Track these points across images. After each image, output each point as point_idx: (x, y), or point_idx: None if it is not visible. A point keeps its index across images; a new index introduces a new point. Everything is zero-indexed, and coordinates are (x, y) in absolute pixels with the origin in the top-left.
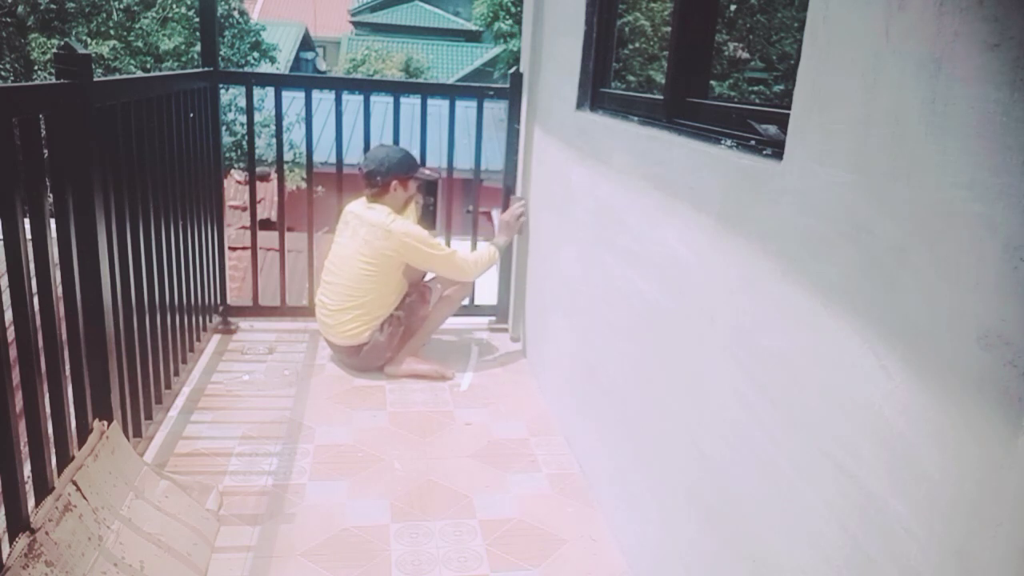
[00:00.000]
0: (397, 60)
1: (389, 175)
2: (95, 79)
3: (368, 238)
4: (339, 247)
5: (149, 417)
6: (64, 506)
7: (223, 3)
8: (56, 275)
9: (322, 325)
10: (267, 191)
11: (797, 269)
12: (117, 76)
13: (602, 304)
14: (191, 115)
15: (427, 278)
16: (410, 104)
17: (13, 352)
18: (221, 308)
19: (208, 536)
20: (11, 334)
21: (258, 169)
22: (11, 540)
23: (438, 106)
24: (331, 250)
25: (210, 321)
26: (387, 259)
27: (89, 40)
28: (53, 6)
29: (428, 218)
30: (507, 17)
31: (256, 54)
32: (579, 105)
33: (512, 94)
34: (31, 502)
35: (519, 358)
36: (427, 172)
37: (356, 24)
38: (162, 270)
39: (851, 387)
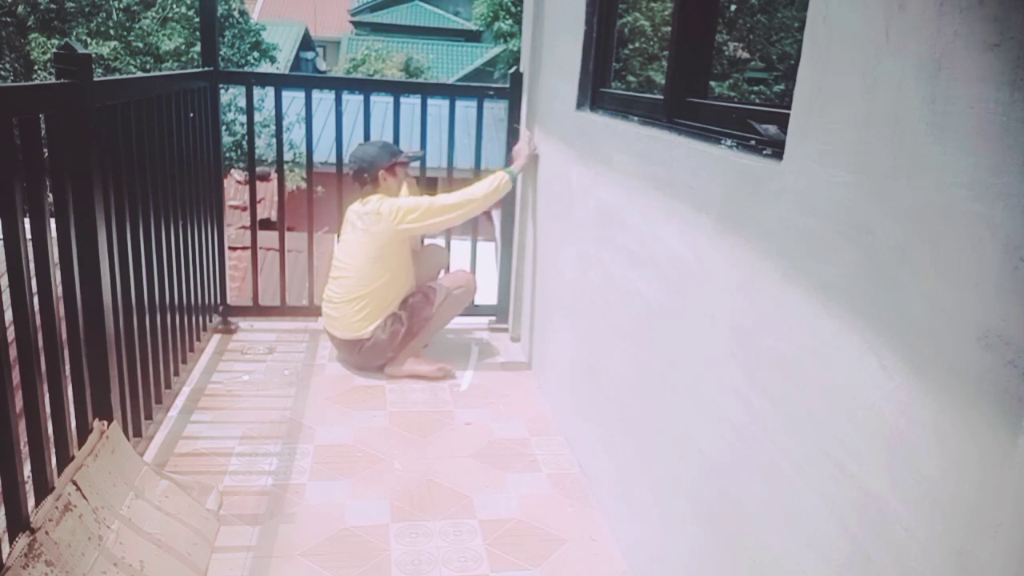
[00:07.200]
0: (397, 60)
1: (374, 168)
2: (95, 79)
3: (365, 227)
4: (344, 243)
5: (149, 417)
6: (64, 506)
7: (223, 3)
8: (56, 275)
9: (327, 319)
10: (267, 191)
11: (797, 269)
12: (117, 76)
13: (602, 304)
14: (191, 115)
15: (440, 276)
16: (410, 104)
17: (13, 352)
18: (221, 308)
19: (208, 536)
20: (11, 334)
21: (258, 169)
22: (11, 540)
23: (438, 106)
24: (337, 248)
25: (210, 321)
26: (388, 242)
27: (89, 40)
28: (53, 6)
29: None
30: (507, 17)
31: (256, 54)
32: (579, 105)
33: (512, 94)
34: (31, 502)
35: (519, 358)
36: (409, 153)
37: (356, 24)
38: (162, 270)
39: (851, 387)
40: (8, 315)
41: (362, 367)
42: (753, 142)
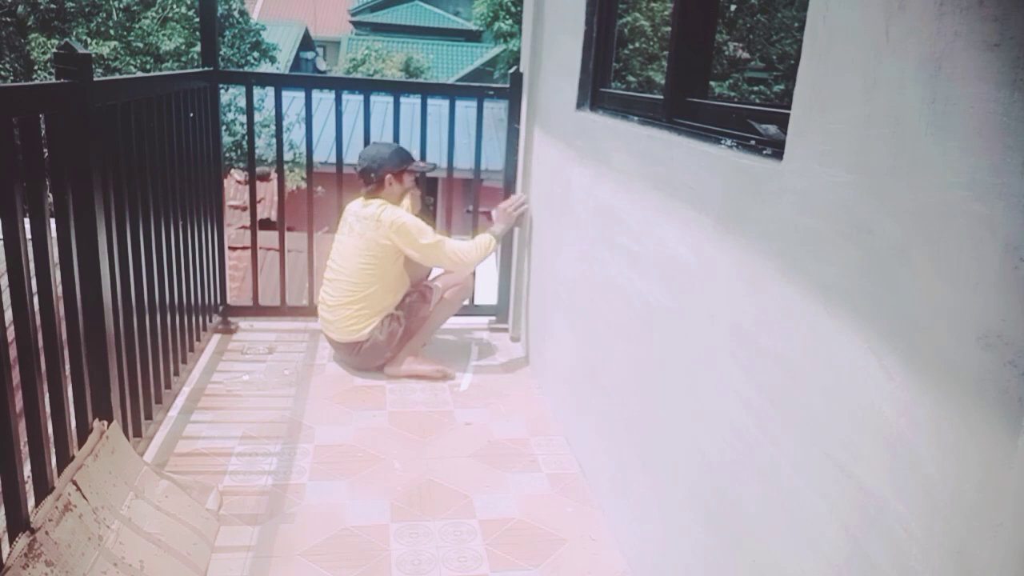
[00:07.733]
0: (397, 60)
1: (382, 170)
2: (95, 79)
3: (362, 231)
4: (339, 244)
5: (149, 417)
6: (64, 506)
7: (223, 3)
8: (56, 275)
9: (323, 322)
10: (267, 191)
11: (797, 269)
12: (117, 76)
13: (602, 304)
14: (191, 115)
15: (432, 276)
16: (410, 104)
17: (13, 352)
18: (221, 308)
19: (208, 536)
20: (11, 334)
21: (258, 169)
22: (11, 540)
23: (438, 106)
24: (332, 248)
25: (210, 321)
26: (383, 249)
27: (89, 40)
28: (53, 6)
29: (428, 216)
30: (507, 17)
31: (256, 54)
32: (579, 105)
33: (512, 94)
34: (31, 502)
35: (519, 358)
36: (420, 164)
37: (356, 24)
38: (162, 270)
39: (851, 387)
40: (8, 315)
41: (361, 368)
42: (753, 142)
